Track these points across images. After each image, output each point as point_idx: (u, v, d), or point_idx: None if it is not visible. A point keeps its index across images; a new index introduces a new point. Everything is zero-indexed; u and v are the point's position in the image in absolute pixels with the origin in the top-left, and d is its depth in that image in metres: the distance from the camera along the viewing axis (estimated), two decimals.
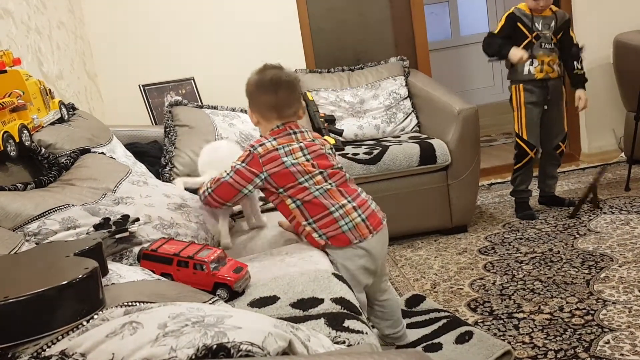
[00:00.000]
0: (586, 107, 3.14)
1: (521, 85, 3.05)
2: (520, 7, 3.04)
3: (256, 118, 1.80)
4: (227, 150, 2.02)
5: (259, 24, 3.69)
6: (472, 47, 6.04)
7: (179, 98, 2.92)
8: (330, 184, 1.72)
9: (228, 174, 1.72)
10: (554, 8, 3.07)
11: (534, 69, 3.01)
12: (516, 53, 2.95)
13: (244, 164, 1.71)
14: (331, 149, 1.83)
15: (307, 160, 1.72)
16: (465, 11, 6.06)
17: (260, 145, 1.71)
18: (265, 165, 1.69)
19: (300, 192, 1.70)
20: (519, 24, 3.00)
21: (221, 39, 3.67)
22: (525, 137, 3.09)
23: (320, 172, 1.72)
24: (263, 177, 1.70)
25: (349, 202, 1.72)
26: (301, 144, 1.74)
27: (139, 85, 3.27)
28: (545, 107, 3.07)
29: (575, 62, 3.08)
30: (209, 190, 1.76)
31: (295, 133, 1.76)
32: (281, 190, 1.72)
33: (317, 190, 1.70)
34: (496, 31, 3.07)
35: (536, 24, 2.99)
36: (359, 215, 1.71)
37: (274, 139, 1.73)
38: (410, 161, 2.94)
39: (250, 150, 1.72)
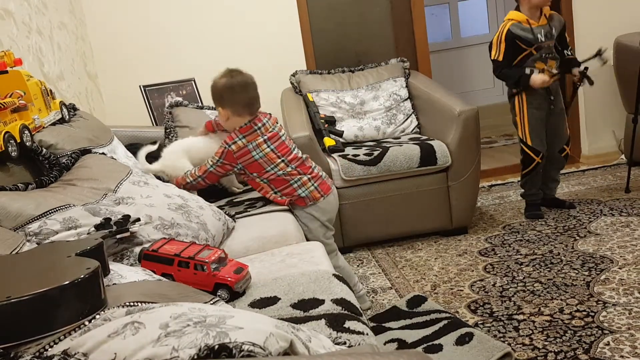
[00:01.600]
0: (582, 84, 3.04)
1: (523, 91, 3.02)
2: (515, 21, 2.94)
3: (227, 115, 2.18)
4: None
5: (259, 24, 3.70)
6: (473, 48, 6.05)
7: (180, 99, 2.93)
8: (290, 167, 2.18)
9: (212, 165, 2.18)
10: (548, 12, 3.02)
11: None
12: (536, 79, 2.92)
13: (222, 160, 2.16)
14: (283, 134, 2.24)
15: (272, 150, 2.16)
16: (465, 13, 6.06)
17: (233, 143, 2.14)
18: (239, 159, 2.15)
19: (266, 174, 2.18)
20: (517, 41, 2.93)
21: (222, 39, 3.68)
22: (529, 143, 3.05)
23: (282, 160, 2.17)
24: (239, 167, 2.18)
25: (304, 176, 2.19)
26: (265, 137, 2.16)
27: (140, 86, 3.27)
28: (552, 106, 3.04)
29: (565, 51, 3.05)
30: (201, 178, 2.21)
31: (259, 128, 2.16)
32: (254, 174, 2.19)
33: (280, 172, 2.17)
34: (500, 57, 2.96)
35: (538, 35, 2.94)
36: (313, 185, 2.21)
37: (244, 136, 2.14)
38: (410, 162, 2.94)
39: (225, 147, 2.15)
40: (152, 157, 2.39)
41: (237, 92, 2.12)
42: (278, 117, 3.69)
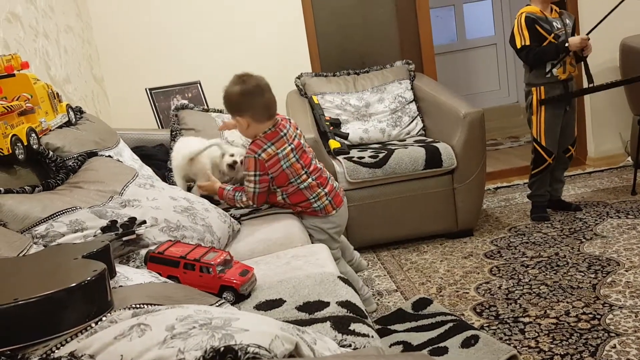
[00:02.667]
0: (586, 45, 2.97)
1: (542, 88, 3.00)
2: (530, 11, 2.98)
3: (247, 123, 2.05)
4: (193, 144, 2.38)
5: (265, 27, 3.70)
6: (478, 50, 6.04)
7: (185, 102, 2.94)
8: (312, 179, 2.13)
9: (254, 186, 2.07)
10: (558, 9, 3.05)
11: (557, 70, 2.96)
12: (575, 40, 2.90)
13: (258, 172, 2.05)
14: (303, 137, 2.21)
15: (297, 160, 2.09)
16: (470, 15, 6.05)
17: (263, 150, 2.03)
18: (270, 169, 2.05)
19: (288, 187, 2.11)
20: (537, 26, 2.94)
21: (227, 42, 3.69)
22: (543, 143, 3.04)
23: (305, 172, 2.11)
24: (270, 177, 2.08)
25: (322, 190, 2.16)
26: (292, 145, 2.08)
27: (146, 89, 3.29)
28: (567, 108, 3.03)
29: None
30: (251, 202, 2.12)
31: (285, 135, 2.07)
32: (276, 187, 2.12)
33: (302, 184, 2.11)
34: (528, 41, 2.94)
35: (554, 23, 2.96)
36: (327, 199, 2.17)
37: (272, 143, 2.04)
38: (415, 165, 2.94)
39: (255, 157, 2.03)
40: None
41: (253, 96, 2.00)
42: None
